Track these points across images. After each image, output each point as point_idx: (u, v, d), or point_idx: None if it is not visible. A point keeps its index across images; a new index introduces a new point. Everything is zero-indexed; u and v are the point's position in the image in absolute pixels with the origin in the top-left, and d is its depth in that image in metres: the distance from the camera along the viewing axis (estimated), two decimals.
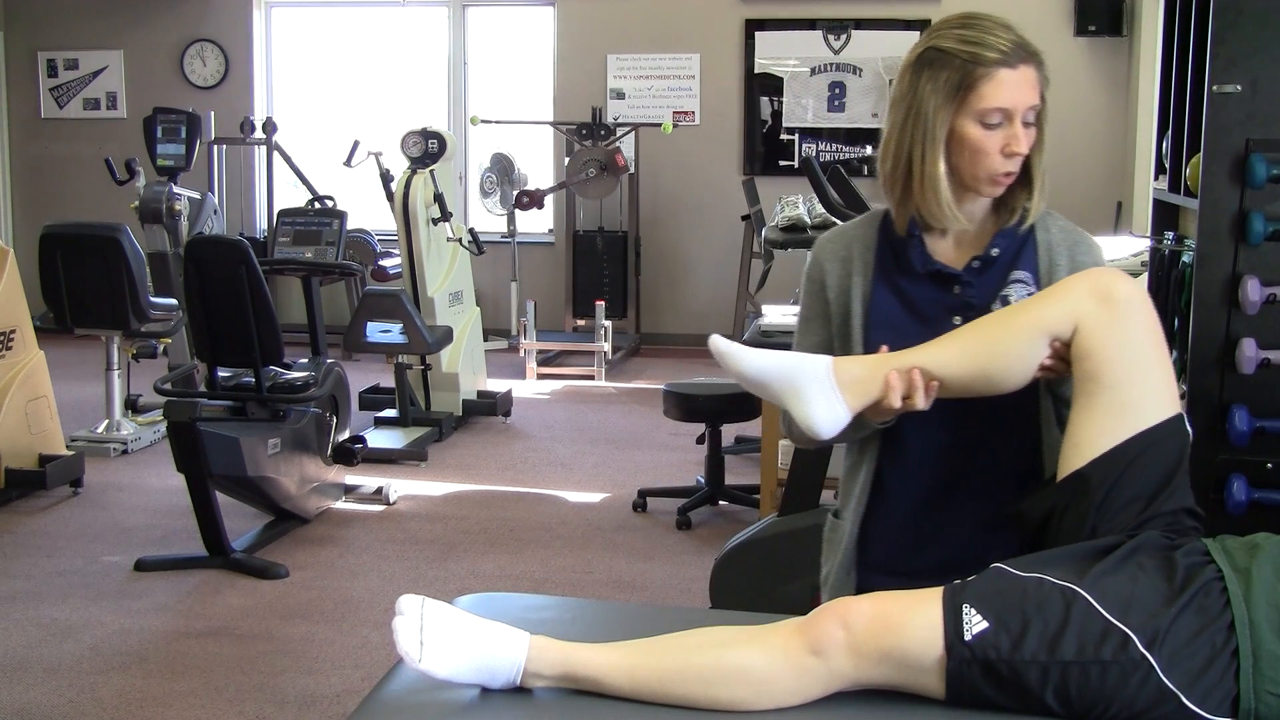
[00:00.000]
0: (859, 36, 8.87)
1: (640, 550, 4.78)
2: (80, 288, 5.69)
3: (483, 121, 8.77)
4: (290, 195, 8.72)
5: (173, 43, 9.63)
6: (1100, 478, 1.75)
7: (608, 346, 7.99)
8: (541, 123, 9.12)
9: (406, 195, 6.49)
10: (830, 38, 8.92)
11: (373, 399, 6.90)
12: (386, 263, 8.54)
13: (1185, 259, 3.19)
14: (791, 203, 6.57)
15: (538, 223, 9.39)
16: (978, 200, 1.94)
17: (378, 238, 8.83)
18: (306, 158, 8.69)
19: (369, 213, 8.57)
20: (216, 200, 7.85)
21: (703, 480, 5.28)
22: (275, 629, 3.99)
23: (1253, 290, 2.75)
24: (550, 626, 1.81)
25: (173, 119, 7.15)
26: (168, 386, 4.82)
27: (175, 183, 6.96)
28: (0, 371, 5.27)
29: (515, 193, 8.50)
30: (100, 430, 6.15)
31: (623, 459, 6.10)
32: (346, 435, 5.39)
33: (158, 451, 5.94)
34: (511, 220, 8.77)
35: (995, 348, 1.82)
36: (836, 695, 1.68)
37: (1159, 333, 1.81)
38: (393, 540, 4.88)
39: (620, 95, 9.19)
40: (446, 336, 6.33)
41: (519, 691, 1.72)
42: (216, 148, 8.88)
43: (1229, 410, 2.79)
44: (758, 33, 9.00)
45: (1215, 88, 2.76)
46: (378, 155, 7.09)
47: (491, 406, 6.79)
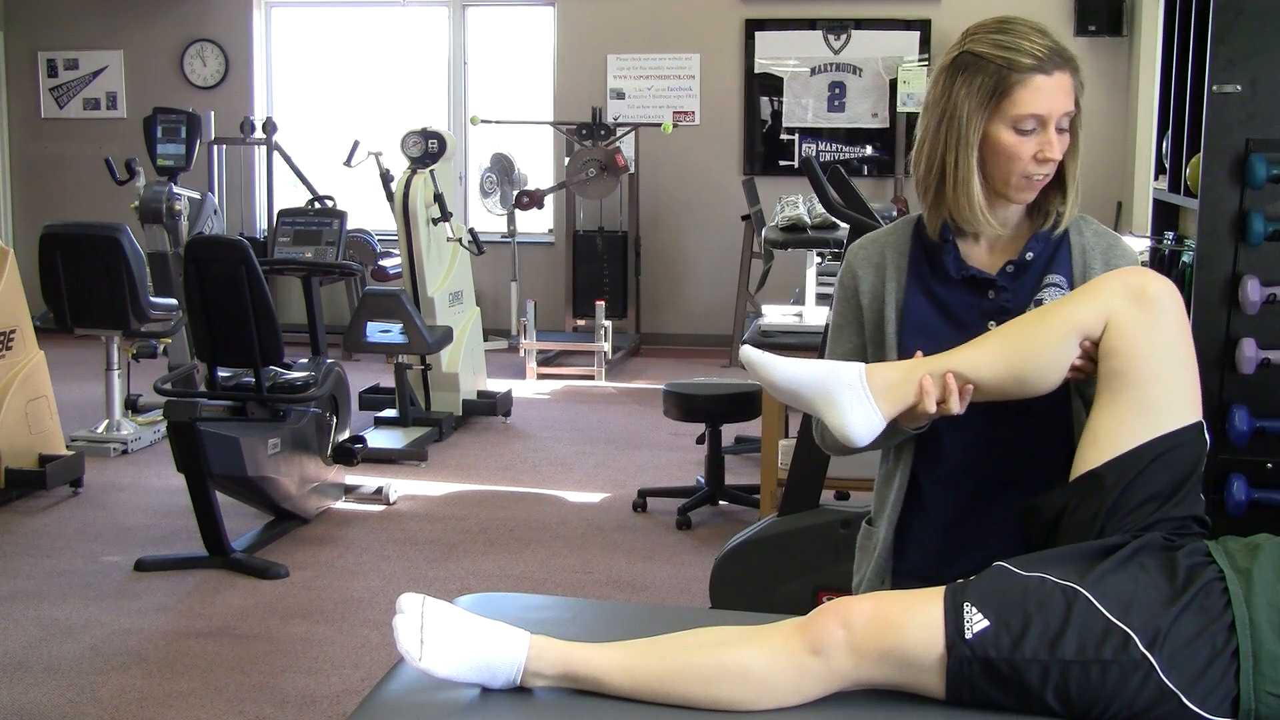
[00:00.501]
0: (859, 36, 8.87)
1: (640, 550, 4.78)
2: (80, 288, 5.69)
3: (483, 121, 8.77)
4: (290, 195, 8.72)
5: (173, 43, 9.63)
6: (1114, 479, 1.75)
7: (608, 346, 7.99)
8: (541, 123, 9.12)
9: (406, 195, 6.49)
10: (830, 38, 8.92)
11: (373, 399, 6.90)
12: (386, 263, 8.54)
13: (1185, 259, 3.19)
14: (791, 203, 6.57)
15: (538, 223, 9.39)
16: (1010, 205, 1.94)
17: (378, 238, 8.83)
18: (306, 158, 8.68)
19: (369, 213, 8.57)
20: (216, 200, 7.85)
21: (703, 480, 5.28)
22: (275, 629, 3.99)
23: (1253, 290, 2.75)
24: (550, 626, 1.81)
25: (173, 119, 7.15)
26: (168, 386, 4.82)
27: (175, 183, 6.96)
28: (0, 371, 5.27)
29: (515, 193, 8.50)
30: (100, 430, 6.15)
31: (623, 459, 6.10)
32: (346, 435, 5.39)
33: (158, 451, 5.94)
34: (511, 220, 8.77)
35: (1028, 348, 1.81)
36: (836, 695, 1.68)
37: (1188, 335, 1.81)
38: (393, 540, 4.88)
39: (620, 95, 9.19)
40: (446, 336, 6.33)
41: (519, 691, 1.72)
42: (216, 148, 8.88)
43: (1229, 410, 2.79)
44: (758, 33, 9.00)
45: (1215, 88, 2.76)
46: (378, 155, 7.08)
47: (491, 406, 6.79)
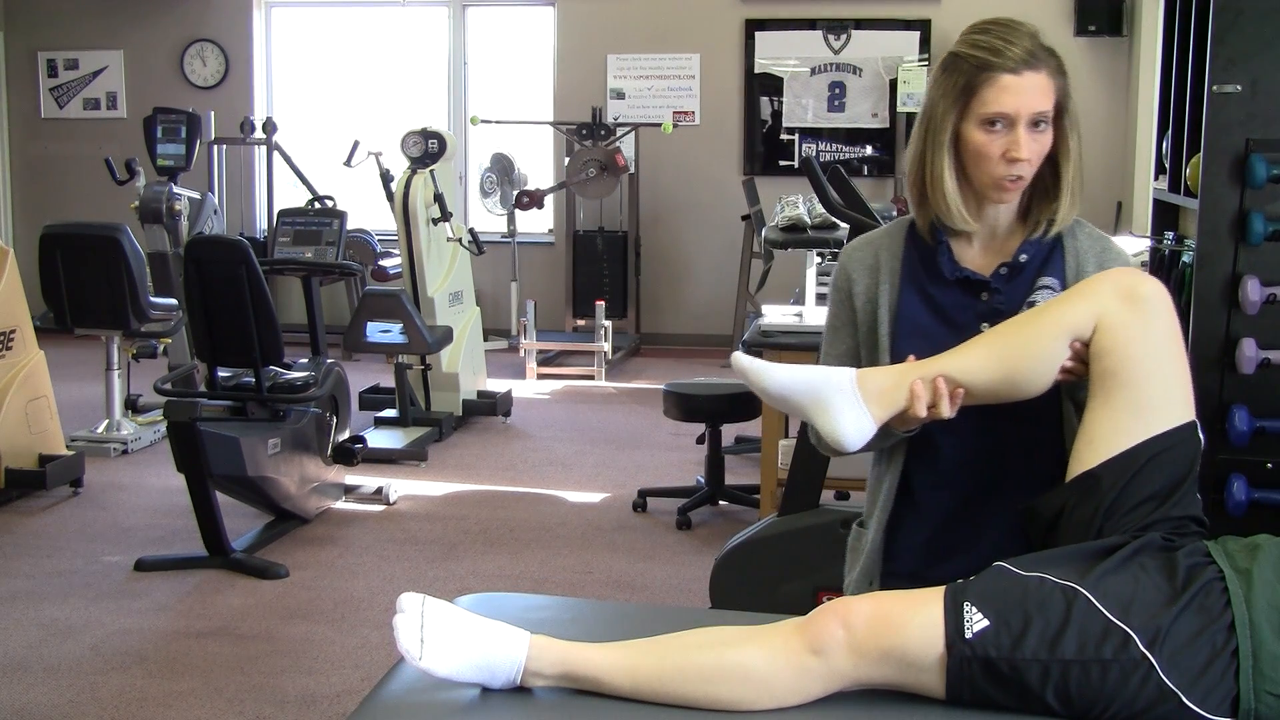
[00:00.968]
0: (859, 36, 8.87)
1: (640, 550, 4.78)
2: (80, 288, 5.69)
3: (483, 121, 8.77)
4: (290, 195, 8.72)
5: (173, 43, 9.63)
6: (1111, 480, 1.76)
7: (608, 346, 7.99)
8: (541, 123, 9.12)
9: (406, 195, 6.49)
10: (830, 38, 8.92)
11: (373, 399, 6.90)
12: (386, 263, 8.54)
13: (1185, 259, 3.19)
14: (791, 203, 6.57)
15: (538, 223, 9.39)
16: (995, 206, 1.95)
17: (378, 238, 8.83)
18: (306, 158, 8.68)
19: (369, 213, 8.57)
20: (216, 200, 7.85)
21: (703, 480, 5.28)
22: (275, 629, 3.99)
23: (1253, 290, 2.75)
24: (550, 626, 1.81)
25: (173, 119, 7.15)
26: (168, 386, 4.82)
27: (175, 183, 6.96)
28: (0, 371, 5.27)
29: (515, 193, 8.50)
30: (100, 430, 6.15)
31: (623, 459, 6.10)
32: (346, 435, 5.39)
33: (158, 451, 5.94)
34: (511, 220, 8.77)
35: (1018, 351, 1.82)
36: (836, 695, 1.68)
37: (1179, 336, 1.81)
38: (393, 540, 4.88)
39: (620, 95, 9.19)
40: (446, 336, 6.33)
41: (519, 691, 1.72)
42: (216, 148, 8.88)
43: (1229, 410, 2.79)
44: (758, 33, 9.00)
45: (1215, 88, 2.76)
46: (378, 155, 7.09)
47: (491, 406, 6.79)
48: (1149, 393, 1.77)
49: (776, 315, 4.82)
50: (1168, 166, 3.42)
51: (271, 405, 4.84)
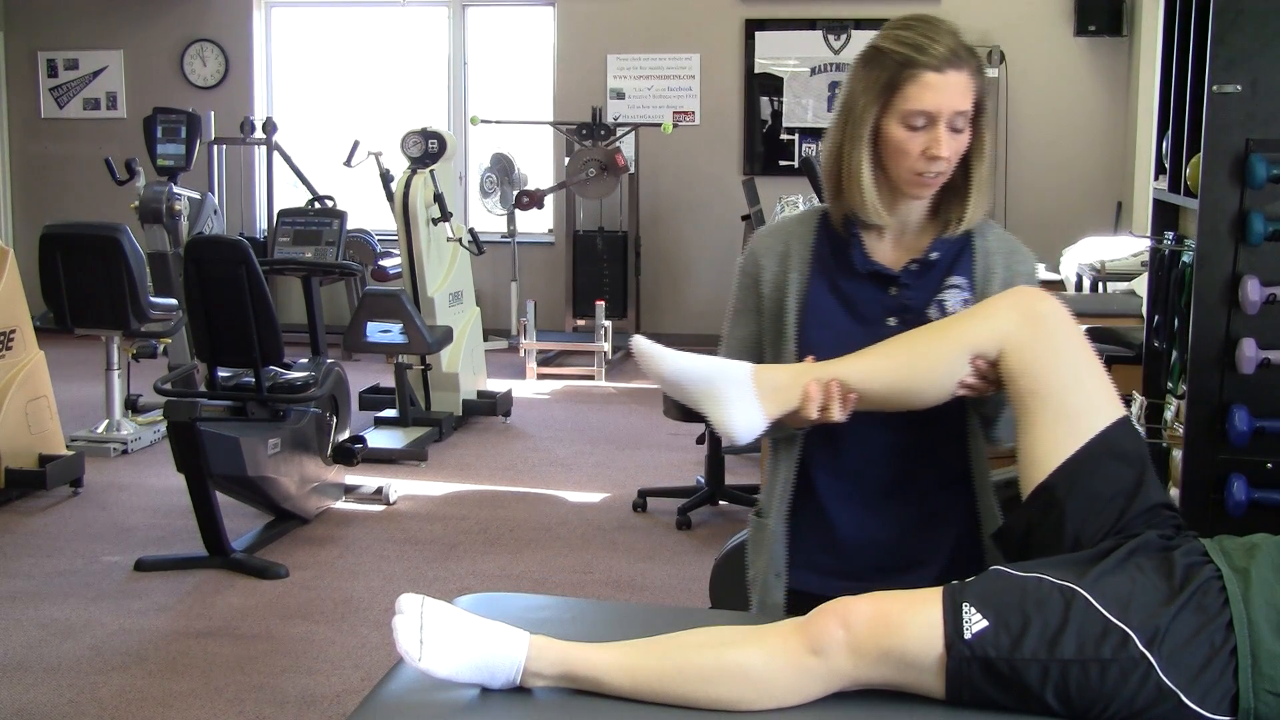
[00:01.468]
0: (859, 36, 8.86)
1: (640, 550, 4.78)
2: (80, 288, 5.69)
3: (483, 121, 8.77)
4: (290, 195, 8.72)
5: (173, 43, 9.63)
6: (1065, 486, 1.77)
7: (608, 346, 7.99)
8: (541, 123, 9.12)
9: (406, 195, 6.50)
10: (830, 38, 8.92)
11: (373, 399, 6.90)
12: (386, 263, 8.54)
13: (1185, 259, 3.18)
14: (791, 203, 6.57)
15: (538, 223, 9.39)
16: (909, 202, 1.95)
17: (378, 238, 8.83)
18: (306, 158, 8.69)
19: (369, 213, 8.57)
20: (216, 200, 7.85)
21: (703, 480, 5.28)
22: (275, 629, 3.99)
23: (1253, 290, 2.74)
24: (550, 626, 1.81)
25: (173, 119, 7.16)
26: (168, 386, 4.82)
27: (175, 183, 6.96)
28: (0, 371, 5.27)
29: (515, 193, 8.50)
30: (100, 430, 6.15)
31: (623, 459, 6.10)
32: (346, 435, 5.39)
33: (158, 451, 5.94)
34: (511, 220, 8.77)
35: (916, 363, 1.85)
36: (836, 695, 1.68)
37: (1087, 344, 1.85)
38: (393, 540, 4.88)
39: (620, 95, 9.19)
40: (446, 336, 6.33)
41: (519, 691, 1.72)
42: (216, 148, 8.88)
43: (1229, 410, 2.79)
44: (758, 33, 9.01)
45: (1215, 88, 2.76)
46: (378, 155, 7.09)
47: (491, 406, 6.79)
48: (1073, 402, 1.80)
49: None
50: (1168, 166, 3.41)
51: (271, 405, 4.84)
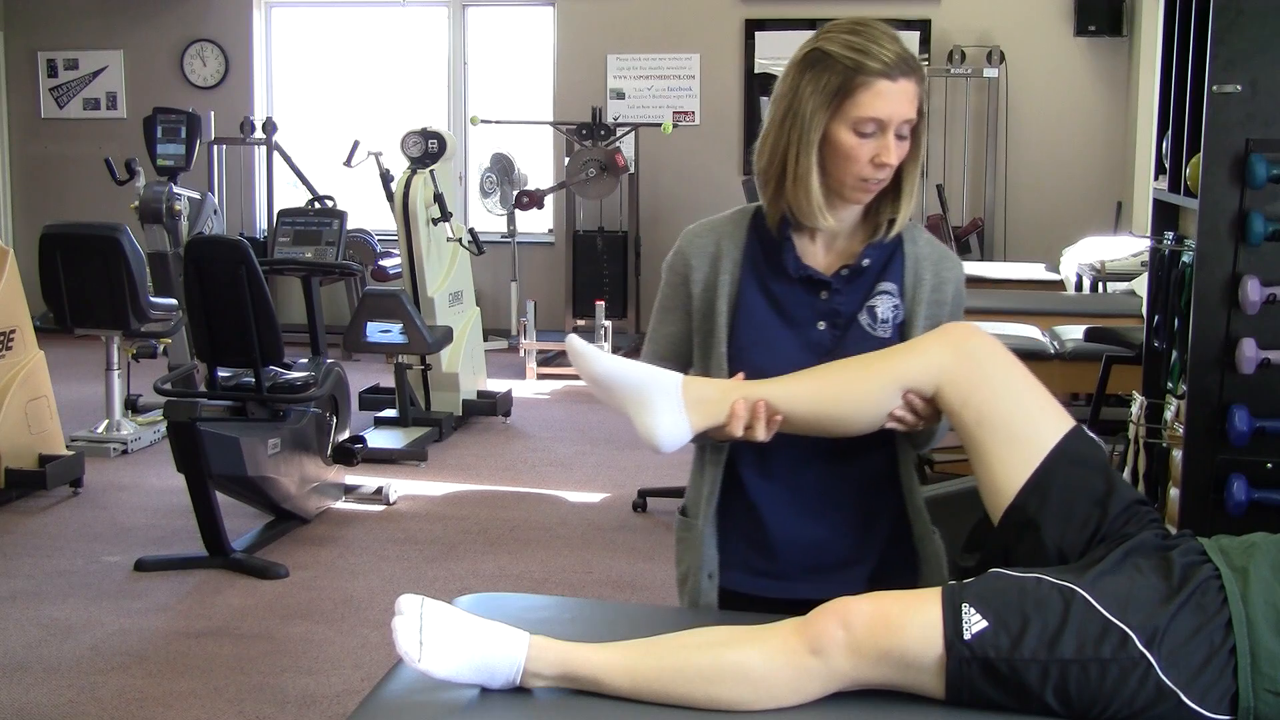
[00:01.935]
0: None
1: (640, 550, 4.78)
2: (80, 288, 5.69)
3: (483, 121, 8.77)
4: (290, 195, 8.72)
5: (173, 43, 9.64)
6: (1035, 504, 1.78)
7: (608, 346, 7.99)
8: (541, 123, 9.12)
9: (406, 195, 6.50)
10: None
11: (373, 399, 6.90)
12: (386, 263, 8.54)
13: (1185, 259, 3.18)
14: None
15: (538, 223, 9.39)
16: (848, 206, 1.95)
17: (378, 238, 8.83)
18: (306, 158, 8.69)
19: (369, 213, 8.57)
20: (216, 200, 7.85)
21: None
22: (275, 629, 3.99)
23: (1253, 290, 2.75)
24: (550, 626, 1.81)
25: (173, 119, 7.16)
26: (168, 386, 4.82)
27: (175, 183, 6.96)
28: (0, 371, 5.27)
29: (515, 193, 8.50)
30: (100, 430, 6.15)
31: (623, 459, 6.10)
32: (346, 435, 5.39)
33: (158, 451, 5.94)
34: (511, 220, 8.77)
35: (846, 393, 1.86)
36: (836, 695, 1.68)
37: (1023, 368, 1.86)
38: (393, 540, 4.88)
39: (620, 95, 9.19)
40: (446, 336, 6.33)
41: (519, 691, 1.72)
42: (216, 148, 8.88)
43: (1229, 410, 2.79)
44: (758, 33, 9.01)
45: (1215, 88, 2.76)
46: (378, 155, 7.09)
47: (491, 406, 6.79)
48: (1020, 426, 1.81)
49: None
50: (1168, 166, 3.42)
51: (271, 405, 4.84)
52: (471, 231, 7.05)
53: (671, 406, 1.87)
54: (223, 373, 4.82)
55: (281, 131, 8.69)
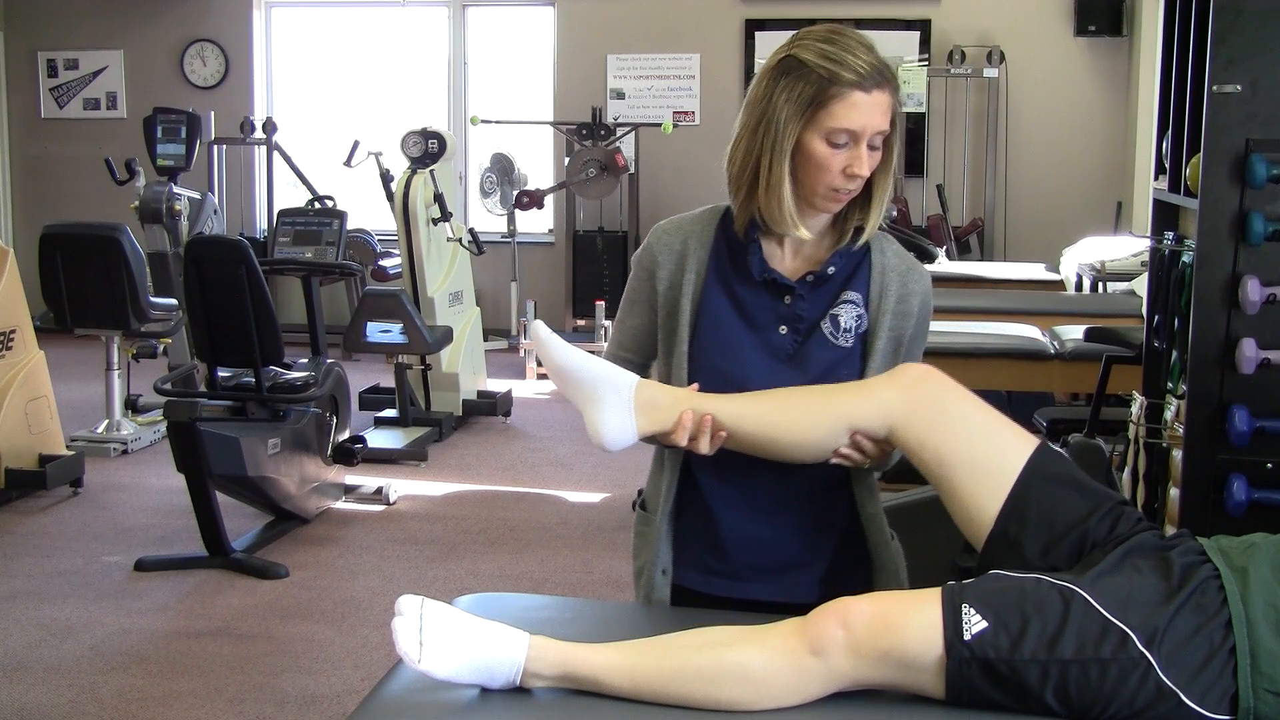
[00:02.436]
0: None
1: None
2: (80, 288, 5.69)
3: (483, 121, 8.77)
4: (290, 195, 8.72)
5: (173, 43, 9.63)
6: (1016, 525, 1.79)
7: (608, 346, 7.98)
8: (541, 123, 9.12)
9: (406, 195, 6.50)
10: None
11: (373, 399, 6.90)
12: (386, 263, 8.54)
13: (1185, 259, 3.18)
14: None
15: (538, 223, 9.39)
16: (819, 215, 1.95)
17: (378, 238, 8.83)
18: (306, 158, 8.69)
19: (369, 213, 8.57)
20: (216, 200, 7.85)
21: None
22: (275, 629, 3.99)
23: (1253, 290, 2.74)
24: (550, 626, 1.81)
25: (173, 119, 7.16)
26: (168, 386, 4.82)
27: (175, 183, 6.96)
28: (0, 371, 5.27)
29: (515, 193, 8.50)
30: (100, 430, 6.15)
31: (623, 459, 6.08)
32: (346, 435, 5.39)
33: (158, 451, 5.94)
34: (511, 220, 8.77)
35: (793, 423, 1.86)
36: (836, 695, 1.68)
37: (975, 399, 1.86)
38: (393, 540, 4.88)
39: (620, 95, 9.19)
40: (446, 336, 6.33)
41: (519, 691, 1.72)
42: (216, 148, 8.88)
43: (1229, 410, 2.79)
44: (758, 33, 9.00)
45: (1215, 88, 2.76)
46: (378, 155, 7.09)
47: (491, 406, 6.79)
48: (982, 458, 1.81)
49: None
50: (1168, 166, 3.41)
51: (271, 405, 4.85)
52: (471, 231, 7.05)
53: (621, 407, 1.89)
54: (223, 373, 4.82)
55: (281, 131, 8.69)
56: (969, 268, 7.27)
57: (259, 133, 8.66)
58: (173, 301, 6.11)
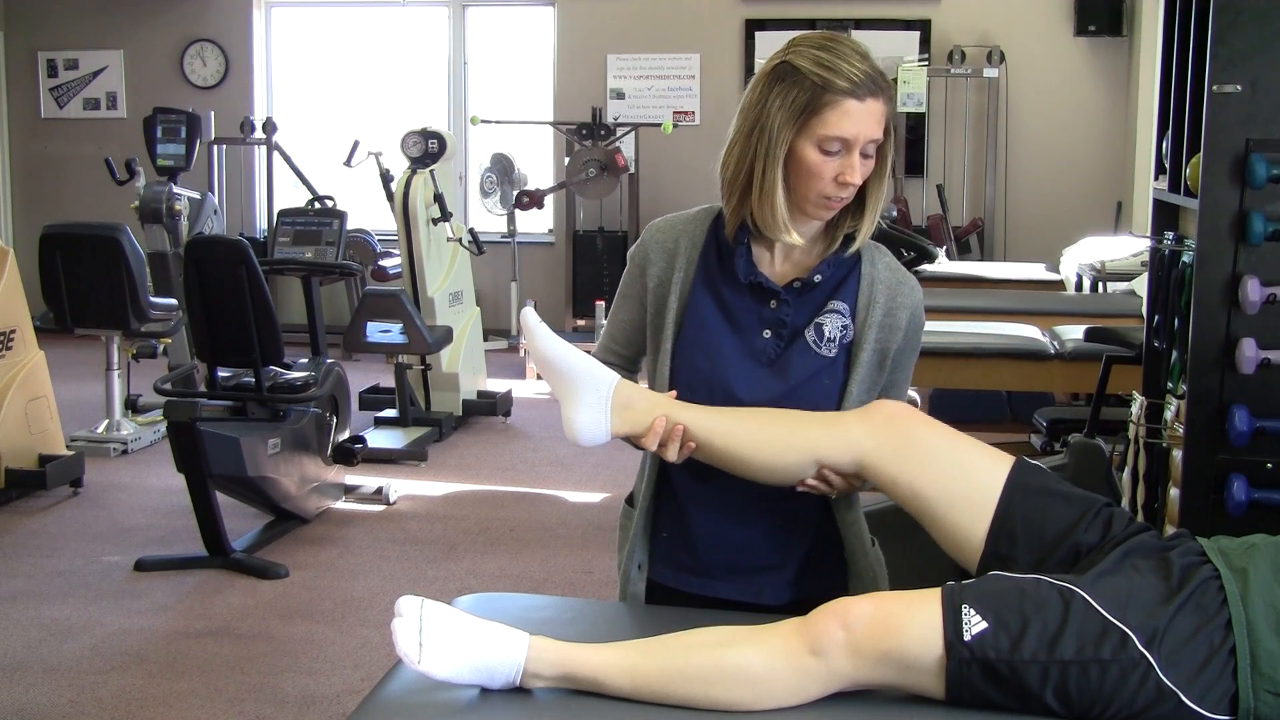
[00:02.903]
0: (859, 36, 8.83)
1: None
2: (80, 288, 5.69)
3: (483, 121, 8.77)
4: (290, 195, 8.72)
5: (173, 43, 9.63)
6: (1005, 547, 1.79)
7: None
8: (541, 123, 9.12)
9: (406, 195, 6.50)
10: None
11: (373, 399, 6.90)
12: (386, 263, 8.54)
13: (1185, 259, 3.18)
14: None
15: (538, 223, 9.39)
16: (810, 221, 1.95)
17: (378, 238, 8.83)
18: (306, 158, 8.69)
19: (369, 213, 8.57)
20: (216, 200, 7.85)
21: None
22: (275, 629, 3.99)
23: (1253, 290, 2.74)
24: (550, 626, 1.81)
25: (173, 119, 7.16)
26: (168, 386, 4.82)
27: (175, 183, 6.96)
28: (0, 371, 5.27)
29: (515, 193, 8.50)
30: (100, 430, 6.15)
31: (623, 459, 6.09)
32: (346, 435, 5.39)
33: (158, 451, 5.94)
34: (511, 220, 8.77)
35: (761, 448, 1.86)
36: (836, 695, 1.68)
37: (946, 431, 1.86)
38: (393, 540, 4.88)
39: (620, 95, 9.19)
40: (446, 336, 6.33)
41: (519, 692, 1.72)
42: (216, 148, 8.88)
43: (1229, 410, 2.79)
44: (758, 33, 9.00)
45: (1215, 88, 2.76)
46: (378, 155, 7.09)
47: (491, 406, 6.79)
48: (959, 487, 1.81)
49: None
50: (1168, 166, 3.41)
51: (271, 405, 4.85)
52: (471, 231, 7.05)
53: (598, 405, 1.89)
54: (223, 373, 4.82)
55: (281, 131, 8.69)
56: (969, 268, 7.28)
57: (259, 133, 8.66)
58: (173, 301, 6.11)
